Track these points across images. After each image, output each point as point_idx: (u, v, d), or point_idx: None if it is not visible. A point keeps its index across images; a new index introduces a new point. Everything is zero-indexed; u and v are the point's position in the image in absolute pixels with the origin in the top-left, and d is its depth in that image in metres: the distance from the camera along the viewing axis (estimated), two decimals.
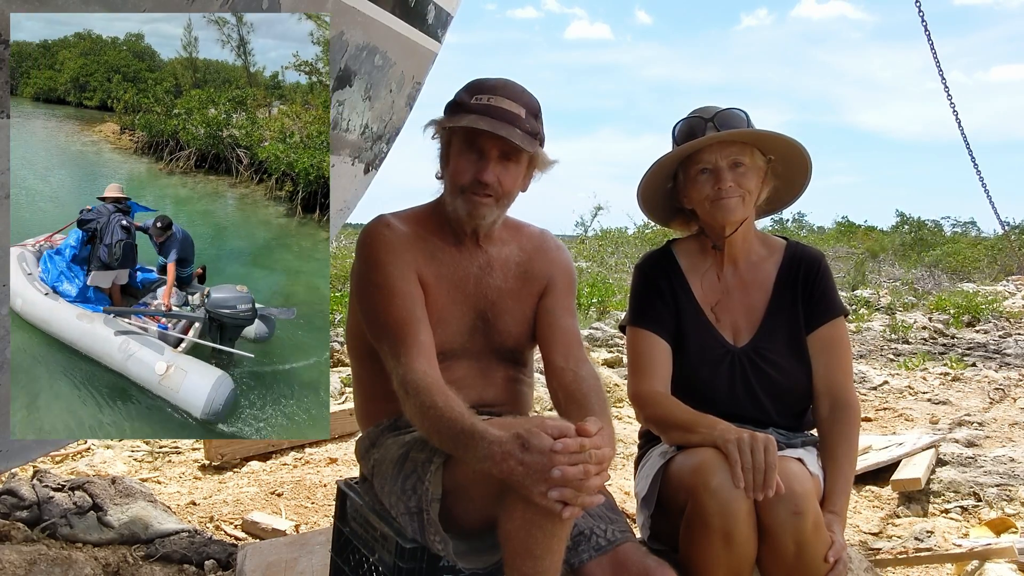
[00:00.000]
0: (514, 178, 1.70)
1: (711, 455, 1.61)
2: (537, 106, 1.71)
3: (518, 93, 1.68)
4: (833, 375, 1.89)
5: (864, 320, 9.39)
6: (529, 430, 1.34)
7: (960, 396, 5.38)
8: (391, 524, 1.63)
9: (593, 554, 1.55)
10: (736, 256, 1.95)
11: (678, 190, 1.93)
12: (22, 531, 2.46)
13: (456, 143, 1.68)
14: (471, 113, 1.64)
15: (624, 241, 16.94)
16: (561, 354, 1.75)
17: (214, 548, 2.55)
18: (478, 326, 1.76)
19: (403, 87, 3.36)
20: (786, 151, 1.89)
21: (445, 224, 1.77)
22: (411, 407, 1.54)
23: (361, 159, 3.38)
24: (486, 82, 1.69)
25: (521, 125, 1.64)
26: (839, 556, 1.62)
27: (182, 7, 2.10)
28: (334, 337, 6.15)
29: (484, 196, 1.67)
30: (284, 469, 3.58)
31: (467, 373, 1.74)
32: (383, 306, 1.66)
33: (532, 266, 1.82)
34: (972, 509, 3.17)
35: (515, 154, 1.67)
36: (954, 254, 18.73)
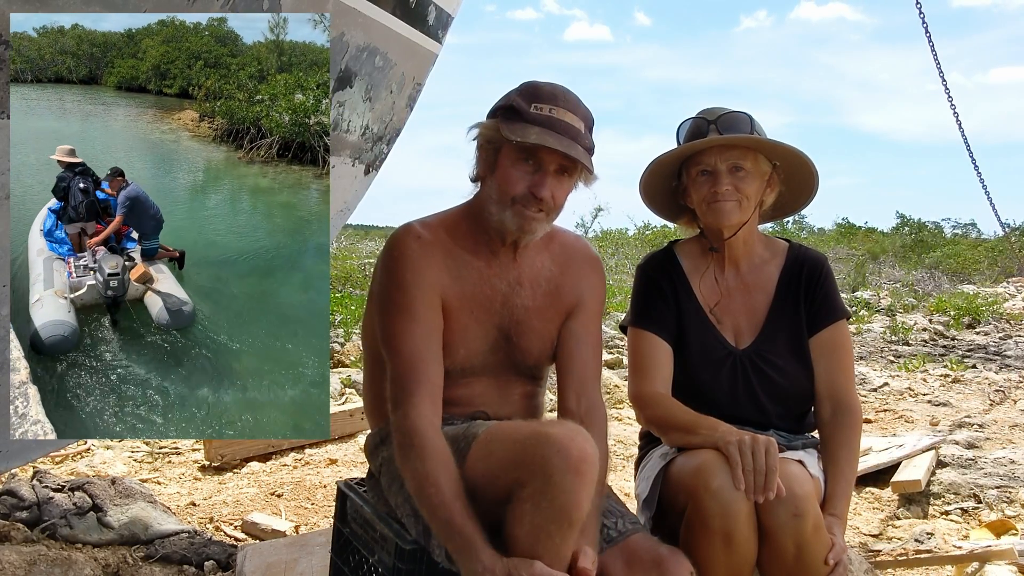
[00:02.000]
0: (567, 192, 1.65)
1: (712, 457, 1.61)
2: (592, 119, 1.66)
3: (577, 105, 1.63)
4: (835, 378, 1.89)
5: (864, 322, 9.39)
6: (519, 571, 1.35)
7: (960, 398, 5.38)
8: (391, 525, 1.63)
9: (605, 546, 1.54)
10: (738, 258, 1.95)
11: (682, 189, 1.93)
12: (22, 532, 2.46)
13: (510, 151, 1.61)
14: (532, 124, 1.57)
15: (624, 242, 16.94)
16: (574, 393, 1.71)
17: (214, 549, 2.54)
18: (500, 344, 1.71)
19: (404, 88, 3.36)
20: (790, 159, 1.89)
21: (478, 232, 1.70)
22: (406, 461, 1.51)
23: (361, 160, 3.38)
24: (543, 89, 1.62)
25: (582, 141, 1.60)
26: (839, 558, 1.62)
27: (182, 7, 2.11)
28: (334, 338, 6.15)
29: (537, 211, 1.62)
30: (284, 470, 3.58)
31: (485, 390, 1.71)
32: (400, 331, 1.61)
33: (563, 281, 1.76)
34: (972, 511, 3.16)
35: (572, 169, 1.62)
36: (954, 256, 18.73)
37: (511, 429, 1.50)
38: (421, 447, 1.49)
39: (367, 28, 2.83)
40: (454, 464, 1.48)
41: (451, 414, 1.67)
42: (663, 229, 16.01)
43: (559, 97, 1.61)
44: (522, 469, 1.38)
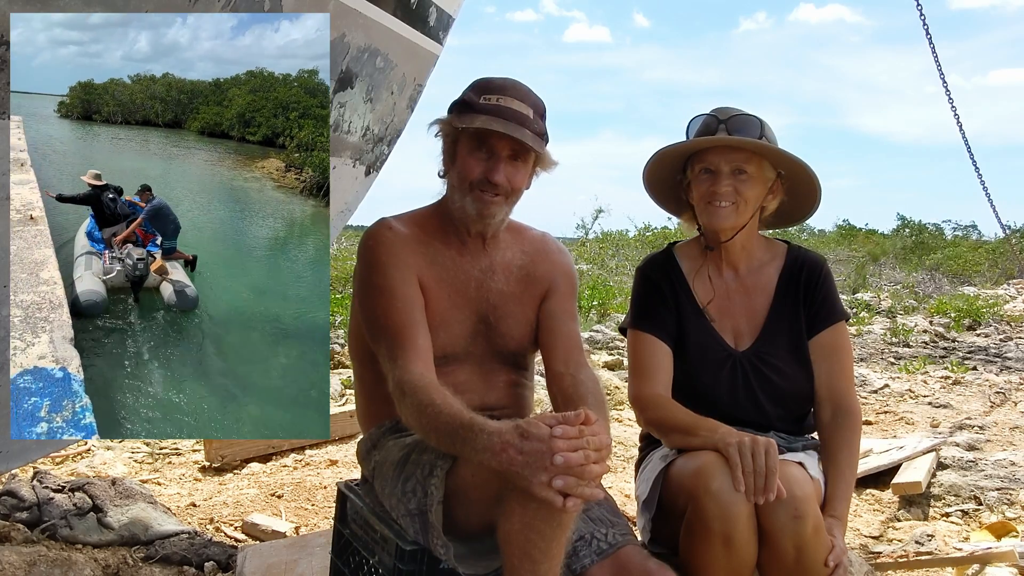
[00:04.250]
0: (522, 177, 1.72)
1: (712, 458, 1.61)
2: (543, 107, 1.73)
3: (525, 93, 1.70)
4: (835, 380, 1.89)
5: (865, 323, 9.38)
6: (528, 421, 1.34)
7: (961, 400, 5.38)
8: (391, 526, 1.64)
9: (595, 558, 1.55)
10: (737, 261, 1.95)
11: (686, 184, 1.94)
12: (22, 532, 2.46)
13: (465, 142, 1.70)
14: (481, 113, 1.66)
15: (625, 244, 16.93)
16: (561, 360, 1.76)
17: (214, 550, 2.54)
18: (480, 330, 1.77)
19: (404, 89, 3.37)
20: (795, 170, 1.89)
21: (448, 225, 1.78)
22: (407, 407, 1.54)
23: (362, 161, 3.38)
24: (493, 82, 1.71)
25: (530, 126, 1.67)
26: (839, 560, 1.62)
27: (184, 8, 2.11)
28: (334, 339, 6.15)
29: (494, 195, 1.69)
30: (284, 471, 3.58)
31: (469, 377, 1.75)
32: (382, 309, 1.67)
33: (534, 269, 1.83)
34: (973, 513, 3.16)
35: (524, 154, 1.69)
36: (955, 258, 18.72)
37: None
38: (415, 387, 1.52)
39: (368, 29, 2.84)
40: (452, 395, 1.50)
41: None
42: (664, 230, 16.01)
43: (507, 88, 1.70)
44: None
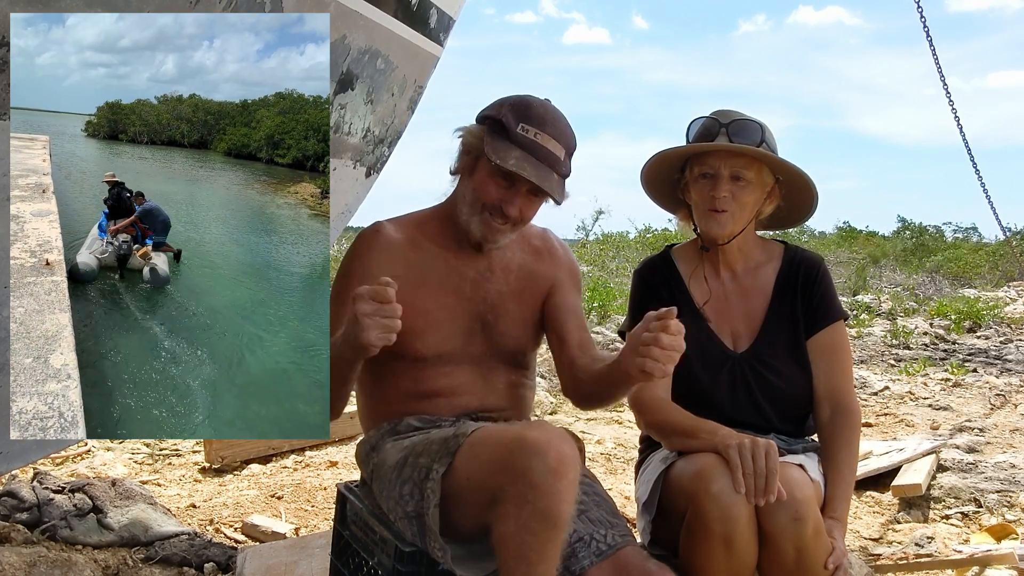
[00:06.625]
0: (535, 211, 1.73)
1: (712, 460, 1.61)
2: (575, 145, 1.72)
3: (562, 131, 1.68)
4: (833, 380, 1.88)
5: (865, 325, 9.38)
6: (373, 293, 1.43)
7: (961, 402, 5.37)
8: (390, 528, 1.64)
9: (594, 560, 1.55)
10: (734, 262, 1.95)
11: (684, 184, 1.94)
12: (22, 533, 2.46)
13: (488, 163, 1.67)
14: (515, 146, 1.63)
15: (625, 245, 16.93)
16: (576, 345, 1.78)
17: (214, 551, 2.55)
18: (477, 329, 1.77)
19: (405, 91, 3.37)
20: (794, 178, 1.89)
21: (448, 228, 1.78)
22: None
23: (363, 163, 3.38)
24: (533, 110, 1.67)
25: (559, 169, 1.67)
26: (839, 562, 1.62)
27: (184, 8, 2.11)
28: None
29: (502, 223, 1.69)
30: (284, 472, 3.58)
31: (468, 379, 1.75)
32: (335, 318, 1.70)
33: (536, 267, 1.84)
34: (973, 515, 3.16)
35: (543, 193, 1.69)
36: (955, 260, 18.71)
37: (496, 433, 1.52)
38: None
39: (368, 31, 2.84)
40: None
41: (438, 409, 1.71)
42: (664, 232, 16.00)
43: (547, 122, 1.66)
44: (504, 474, 1.41)
